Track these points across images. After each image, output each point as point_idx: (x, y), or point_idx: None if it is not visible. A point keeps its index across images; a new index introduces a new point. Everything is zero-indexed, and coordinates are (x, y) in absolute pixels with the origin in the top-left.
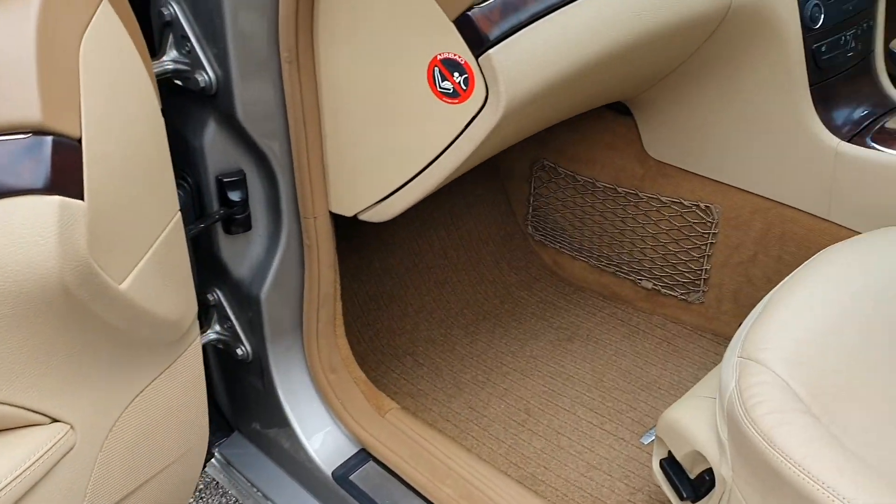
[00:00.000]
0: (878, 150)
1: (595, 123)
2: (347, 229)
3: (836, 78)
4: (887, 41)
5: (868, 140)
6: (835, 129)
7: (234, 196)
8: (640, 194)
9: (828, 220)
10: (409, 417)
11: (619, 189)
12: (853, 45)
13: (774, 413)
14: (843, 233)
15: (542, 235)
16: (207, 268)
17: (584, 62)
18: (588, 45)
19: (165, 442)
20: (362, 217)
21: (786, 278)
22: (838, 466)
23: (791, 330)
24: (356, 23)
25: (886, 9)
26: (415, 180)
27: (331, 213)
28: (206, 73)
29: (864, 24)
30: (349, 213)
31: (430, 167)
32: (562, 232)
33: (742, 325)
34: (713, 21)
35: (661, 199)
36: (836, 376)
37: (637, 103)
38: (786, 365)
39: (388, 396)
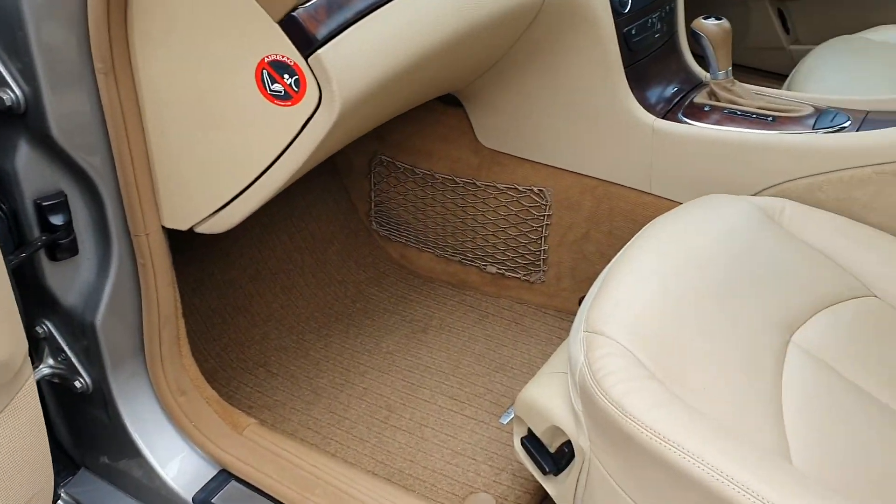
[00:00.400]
0: (689, 123)
1: (428, 116)
2: (182, 242)
3: (646, 59)
4: (689, 21)
5: (680, 115)
6: (650, 108)
7: (56, 220)
8: (477, 183)
9: (650, 194)
10: (269, 431)
11: (457, 179)
12: (659, 26)
13: (623, 382)
14: (664, 204)
15: (386, 230)
16: (34, 299)
17: (415, 56)
18: (417, 39)
19: (10, 489)
20: (199, 230)
21: (618, 253)
22: (684, 425)
23: (628, 302)
24: (174, 29)
25: None
26: (253, 187)
27: (164, 227)
28: (12, 91)
29: (667, 7)
30: (184, 227)
31: (269, 172)
32: (406, 225)
33: (583, 301)
34: (531, 11)
35: (497, 186)
36: (672, 341)
37: (466, 95)
38: (628, 335)
39: (244, 412)
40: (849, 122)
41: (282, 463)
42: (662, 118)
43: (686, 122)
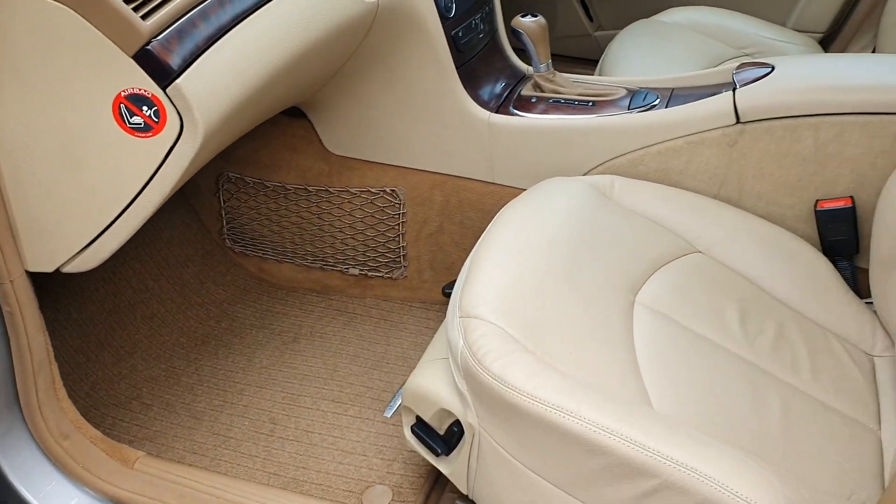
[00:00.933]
0: (520, 115)
1: (272, 129)
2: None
3: (474, 58)
4: (507, 20)
5: (511, 108)
6: (484, 104)
7: None
8: (330, 189)
9: (494, 183)
10: (160, 461)
11: (310, 188)
12: (482, 27)
13: (501, 357)
14: (507, 191)
15: (241, 246)
16: None
17: (267, 74)
18: (267, 57)
19: None
20: (66, 269)
21: (477, 243)
22: (560, 389)
23: (493, 285)
24: (22, 71)
25: None
26: (120, 219)
27: (28, 272)
28: None
29: (486, 8)
30: (50, 269)
31: (135, 203)
32: (262, 239)
33: (454, 289)
34: (366, 22)
35: (351, 190)
36: (536, 315)
37: (309, 105)
38: (498, 315)
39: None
40: (658, 100)
41: (180, 490)
42: (496, 112)
43: (517, 115)
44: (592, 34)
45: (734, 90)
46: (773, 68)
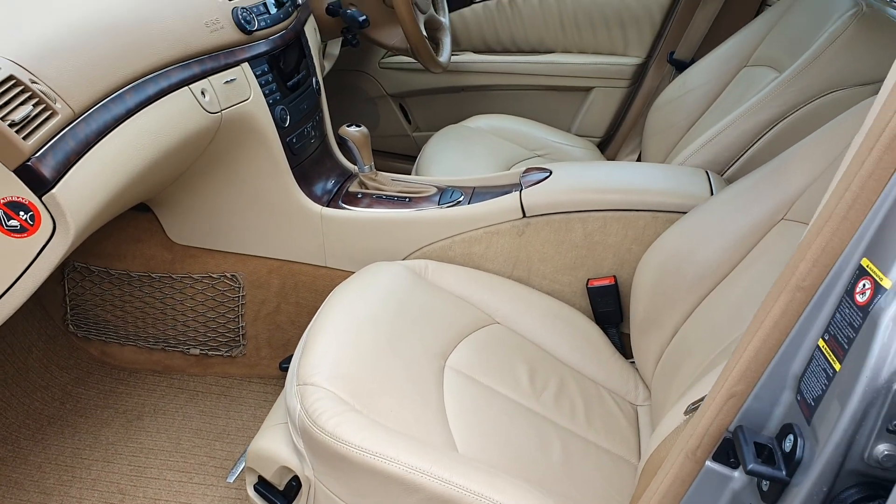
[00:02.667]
0: (348, 209)
1: (119, 222)
2: None
3: (307, 160)
4: (336, 127)
5: (340, 203)
6: (317, 199)
7: None
8: (173, 276)
9: (326, 267)
10: None
11: (154, 275)
12: (314, 134)
13: (333, 417)
14: (337, 274)
15: (85, 331)
16: None
17: (127, 181)
18: (127, 167)
19: None
20: None
21: (312, 320)
22: (382, 440)
23: (326, 355)
24: None
25: (328, 103)
26: None
27: None
28: None
29: (317, 117)
30: None
31: (6, 296)
32: (105, 323)
33: (292, 361)
34: (210, 132)
35: (193, 276)
36: (364, 380)
37: (156, 201)
38: (331, 381)
39: None
40: (462, 197)
41: None
42: (327, 206)
43: (346, 208)
44: (411, 135)
45: (521, 191)
46: (550, 173)
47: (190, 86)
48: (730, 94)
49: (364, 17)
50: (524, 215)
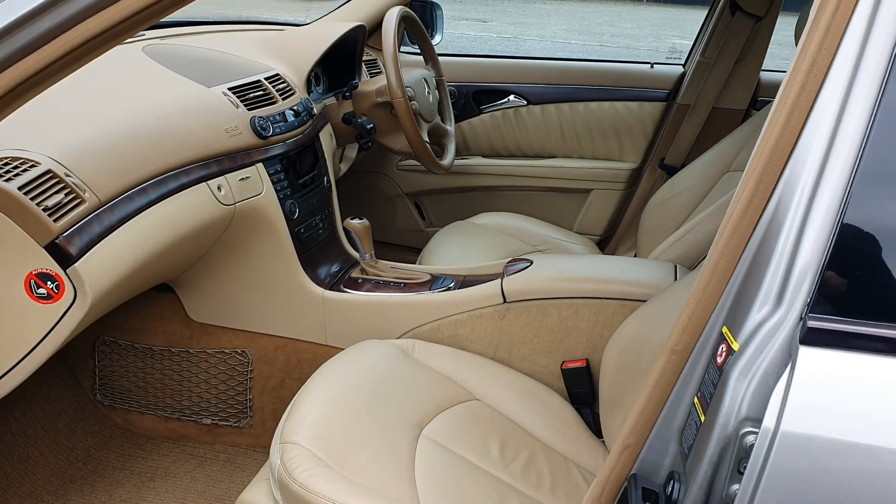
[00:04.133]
0: (349, 292)
1: (145, 300)
2: None
3: (315, 247)
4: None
5: (342, 287)
6: (320, 282)
7: None
8: (190, 351)
9: (326, 345)
10: None
11: (173, 350)
12: (322, 225)
13: (307, 470)
14: (336, 351)
15: (111, 400)
16: None
17: (143, 261)
18: (143, 249)
19: None
20: None
21: (301, 387)
22: (349, 492)
23: (307, 417)
24: None
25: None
26: (11, 372)
27: None
28: None
29: (326, 211)
30: None
31: (29, 356)
32: (128, 393)
33: (280, 422)
34: (225, 222)
35: (207, 351)
36: (341, 441)
37: (177, 282)
38: (308, 440)
39: None
40: (453, 283)
41: None
42: (330, 290)
43: (346, 292)
44: (425, 230)
45: (503, 278)
46: (531, 263)
47: (208, 182)
48: (712, 196)
49: (371, 125)
50: (504, 300)
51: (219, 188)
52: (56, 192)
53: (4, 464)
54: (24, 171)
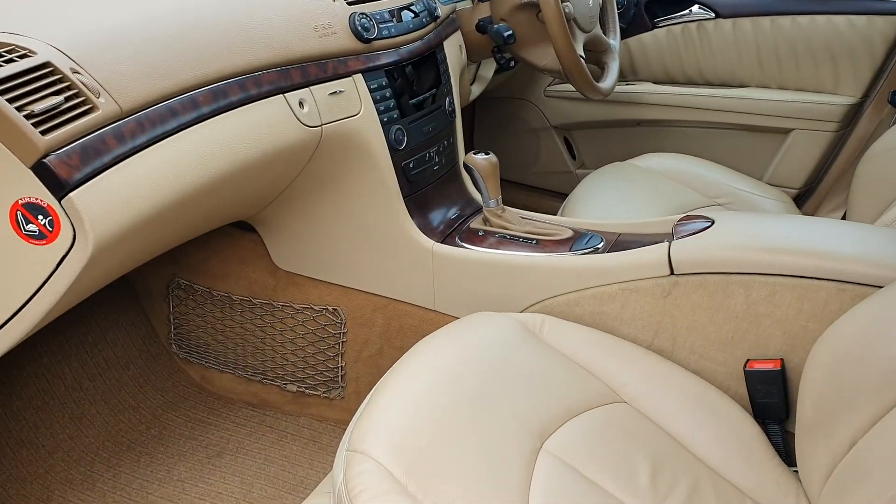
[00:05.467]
0: (466, 247)
1: (224, 240)
2: None
3: (428, 188)
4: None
5: (457, 239)
6: (431, 232)
7: None
8: (274, 304)
9: (435, 311)
10: None
11: (255, 301)
12: (437, 160)
13: (374, 498)
14: (447, 320)
15: (186, 353)
16: None
17: (179, 195)
18: (182, 179)
19: None
20: None
21: (384, 375)
22: None
23: (390, 418)
24: None
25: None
26: (8, 324)
27: None
28: None
29: (445, 142)
30: None
31: (24, 308)
32: (206, 347)
33: (352, 420)
34: (308, 149)
35: (294, 306)
36: (428, 455)
37: (259, 221)
38: (386, 451)
39: None
40: (602, 244)
41: None
42: (442, 242)
43: (462, 246)
44: (574, 171)
45: (671, 242)
46: (712, 223)
47: (286, 94)
48: None
49: (510, 33)
50: (672, 272)
51: (300, 104)
52: (53, 94)
53: (54, 423)
54: (10, 61)
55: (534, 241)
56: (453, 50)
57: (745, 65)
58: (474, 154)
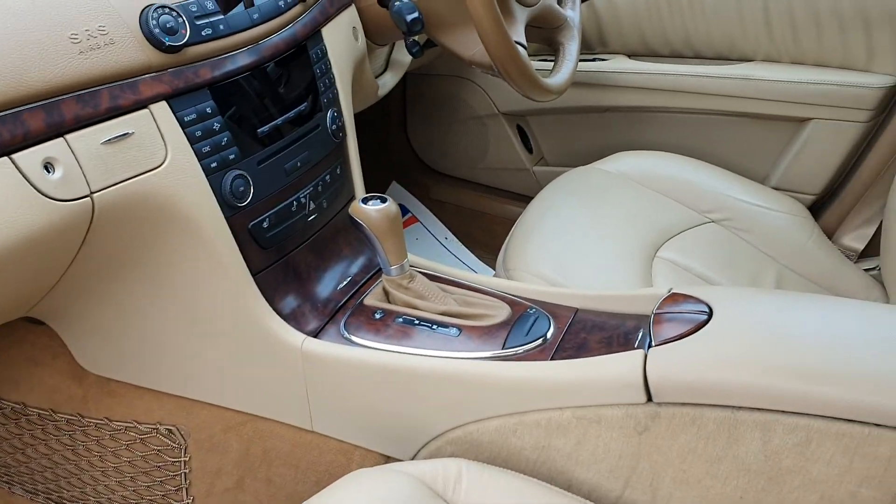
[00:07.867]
0: (352, 341)
1: (10, 334)
2: None
3: (295, 253)
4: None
5: (342, 327)
6: (301, 318)
7: None
8: (84, 419)
9: (312, 431)
10: None
11: (58, 414)
12: (313, 205)
13: None
14: (330, 446)
15: None
16: None
17: None
18: None
19: None
20: None
21: None
22: None
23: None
24: None
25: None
26: None
27: None
28: None
29: (327, 176)
30: None
31: None
32: (6, 468)
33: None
34: (72, 231)
35: (112, 424)
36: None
37: (45, 313)
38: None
39: None
40: (551, 331)
41: None
42: (316, 335)
43: (347, 340)
44: (530, 168)
45: (647, 348)
46: (709, 315)
47: (13, 155)
48: None
49: (415, 16)
50: (649, 399)
51: (47, 167)
52: None
53: None
54: None
55: (452, 331)
56: (340, 37)
57: (749, 32)
58: (363, 202)
